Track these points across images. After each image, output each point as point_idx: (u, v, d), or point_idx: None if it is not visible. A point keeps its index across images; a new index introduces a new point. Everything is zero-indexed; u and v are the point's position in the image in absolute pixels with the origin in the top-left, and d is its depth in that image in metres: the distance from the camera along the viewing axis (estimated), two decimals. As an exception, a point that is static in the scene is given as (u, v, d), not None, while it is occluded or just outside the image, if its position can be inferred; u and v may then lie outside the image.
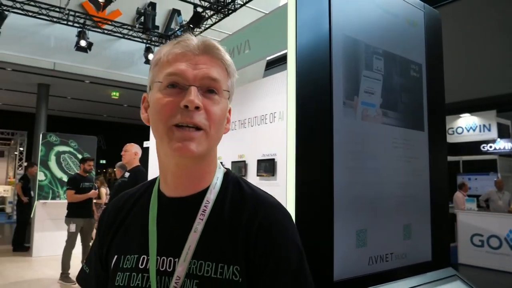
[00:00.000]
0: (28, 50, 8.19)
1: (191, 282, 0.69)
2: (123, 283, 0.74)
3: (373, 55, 1.46)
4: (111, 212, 0.85)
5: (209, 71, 0.74)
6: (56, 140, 7.49)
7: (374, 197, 1.41)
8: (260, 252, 0.71)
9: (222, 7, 7.48)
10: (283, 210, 0.77)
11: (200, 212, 0.74)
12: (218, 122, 0.75)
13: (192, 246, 0.72)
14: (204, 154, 0.75)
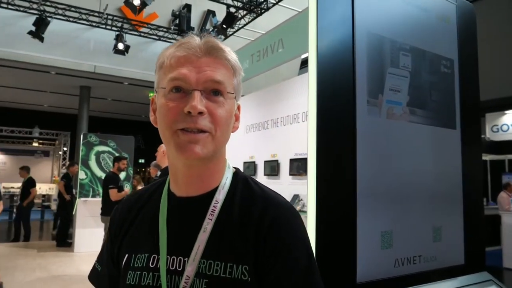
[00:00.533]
0: (70, 54, 8.56)
1: (200, 282, 0.70)
2: (134, 281, 0.76)
3: (399, 52, 1.41)
4: (123, 211, 0.87)
5: (213, 74, 0.74)
6: (96, 140, 7.79)
7: (401, 198, 1.37)
8: (269, 252, 0.71)
9: (254, 6, 7.49)
10: (292, 210, 0.77)
11: (209, 212, 0.75)
12: (224, 124, 0.75)
13: (202, 246, 0.73)
14: (211, 156, 0.75)
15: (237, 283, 0.69)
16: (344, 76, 1.26)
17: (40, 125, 15.58)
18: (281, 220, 0.74)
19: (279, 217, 0.74)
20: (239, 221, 0.74)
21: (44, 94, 12.89)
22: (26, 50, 7.97)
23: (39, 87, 12.07)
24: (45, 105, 15.04)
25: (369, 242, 1.26)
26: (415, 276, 1.38)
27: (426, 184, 1.46)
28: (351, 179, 1.24)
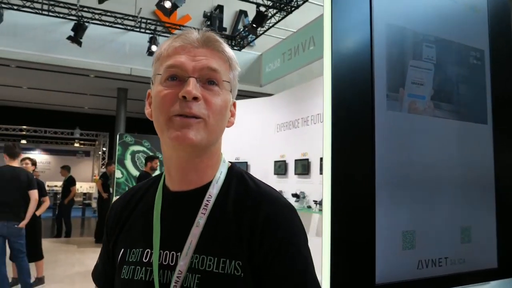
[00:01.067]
0: (107, 58, 8.84)
1: (193, 277, 0.70)
2: (128, 276, 0.76)
3: (422, 43, 1.35)
4: (118, 206, 0.88)
5: (208, 62, 0.73)
6: (131, 140, 8.02)
7: (424, 196, 1.30)
8: (265, 249, 0.70)
9: (284, 4, 7.45)
10: (288, 205, 0.76)
11: (202, 206, 0.74)
12: (219, 113, 0.74)
13: (194, 240, 0.72)
14: (204, 145, 0.74)
15: (230, 278, 0.69)
16: (361, 70, 1.22)
17: (80, 126, 16.21)
18: (277, 216, 0.73)
19: (274, 213, 0.73)
20: (233, 216, 0.73)
21: (84, 96, 13.41)
22: (66, 55, 8.29)
23: (80, 90, 12.56)
24: (86, 107, 15.64)
25: (389, 242, 1.21)
26: (441, 279, 1.31)
27: (453, 181, 1.38)
28: (369, 177, 1.19)
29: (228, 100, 0.77)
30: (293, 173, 5.82)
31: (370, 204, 1.19)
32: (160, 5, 6.60)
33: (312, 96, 5.64)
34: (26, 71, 9.73)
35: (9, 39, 7.72)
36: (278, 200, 0.76)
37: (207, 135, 0.73)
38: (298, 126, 5.89)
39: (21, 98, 14.13)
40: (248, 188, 0.77)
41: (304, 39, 7.75)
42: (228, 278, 0.69)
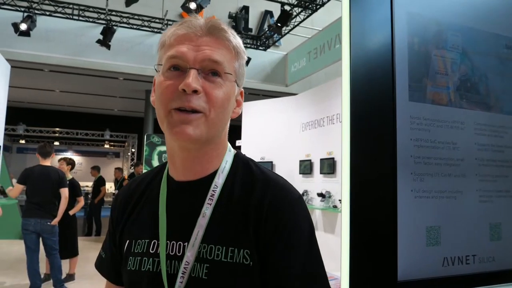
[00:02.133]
0: (135, 60, 9.04)
1: (201, 266, 0.69)
2: (134, 267, 0.76)
3: (447, 32, 1.29)
4: (123, 198, 0.88)
5: (211, 53, 0.71)
6: (158, 140, 8.16)
7: (450, 191, 1.25)
8: (270, 233, 0.70)
9: (309, 2, 7.39)
10: (293, 191, 0.77)
11: (208, 197, 0.74)
12: (220, 106, 0.72)
13: (201, 231, 0.72)
14: (205, 139, 0.73)
15: (238, 267, 0.68)
16: (381, 59, 1.18)
17: (110, 128, 16.65)
18: (282, 202, 0.73)
19: (280, 199, 0.73)
20: (240, 205, 0.73)
21: (113, 99, 13.76)
22: (95, 58, 8.54)
23: (109, 93, 12.91)
24: (115, 109, 16.05)
25: (412, 238, 1.16)
26: (468, 278, 1.25)
27: (480, 176, 1.32)
28: (390, 170, 1.15)
29: (231, 91, 0.76)
30: (318, 173, 5.76)
31: (391, 199, 1.14)
32: (185, 6, 6.69)
33: (337, 94, 5.57)
34: (59, 75, 10.08)
35: (42, 44, 8.01)
36: (283, 186, 0.76)
37: (207, 129, 0.72)
38: (323, 125, 5.82)
39: (54, 102, 14.66)
40: (254, 176, 0.77)
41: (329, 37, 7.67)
42: (237, 267, 0.68)
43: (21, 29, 7.07)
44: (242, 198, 0.74)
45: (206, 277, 0.69)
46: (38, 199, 4.56)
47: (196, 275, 0.70)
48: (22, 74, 9.33)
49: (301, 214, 0.74)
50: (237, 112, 0.80)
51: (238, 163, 0.80)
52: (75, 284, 5.29)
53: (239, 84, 0.78)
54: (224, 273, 0.69)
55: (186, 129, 0.70)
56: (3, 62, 5.90)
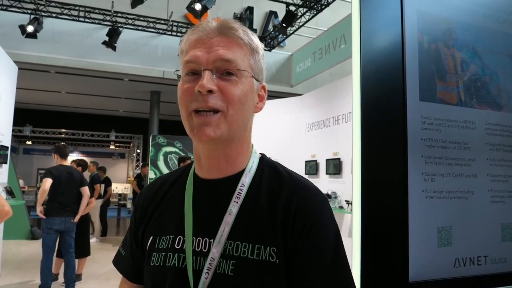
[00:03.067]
0: (140, 61, 9.06)
1: (227, 263, 0.70)
2: (158, 262, 0.77)
3: (458, 30, 1.28)
4: (147, 195, 0.89)
5: (222, 53, 0.73)
6: (164, 141, 8.18)
7: (461, 192, 1.24)
8: (298, 231, 0.71)
9: (314, 3, 7.38)
10: (319, 193, 0.77)
11: (235, 195, 0.75)
12: (238, 102, 0.73)
13: (227, 228, 0.73)
14: (228, 136, 0.74)
15: (265, 264, 0.69)
16: (391, 58, 1.17)
17: (116, 129, 16.71)
18: (309, 203, 0.74)
19: (308, 199, 0.74)
20: (267, 203, 0.74)
21: (119, 100, 13.81)
22: (101, 60, 8.57)
23: (115, 94, 12.95)
24: (121, 111, 16.11)
25: (424, 238, 1.15)
26: (480, 279, 1.24)
27: (495, 176, 1.30)
28: (401, 171, 1.14)
29: (249, 87, 0.76)
30: (324, 173, 5.74)
31: (402, 199, 1.14)
32: (190, 7, 6.70)
33: (343, 94, 5.55)
34: (65, 76, 10.13)
35: (48, 45, 8.06)
36: (311, 188, 0.77)
37: (228, 127, 0.73)
38: (329, 125, 5.81)
39: (60, 103, 14.74)
40: (282, 177, 0.78)
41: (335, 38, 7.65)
42: (264, 264, 0.69)
43: (28, 31, 7.11)
44: (269, 197, 0.75)
45: (232, 273, 0.70)
46: (64, 198, 4.66)
47: (222, 271, 0.70)
48: (28, 76, 9.39)
49: (328, 216, 0.75)
50: (260, 107, 0.81)
51: (264, 164, 0.82)
52: (82, 284, 5.31)
53: (258, 79, 0.79)
54: (250, 270, 0.69)
55: (206, 130, 0.71)
56: (11, 64, 5.94)
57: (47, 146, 18.06)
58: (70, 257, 4.81)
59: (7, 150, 5.72)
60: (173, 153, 8.20)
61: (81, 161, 5.88)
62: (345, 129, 5.39)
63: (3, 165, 5.66)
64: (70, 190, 4.75)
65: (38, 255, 5.24)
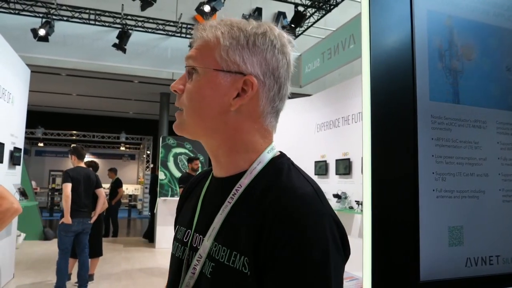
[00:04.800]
0: (150, 63, 9.13)
1: (209, 264, 0.70)
2: (174, 251, 0.82)
3: (468, 30, 1.28)
4: (187, 187, 0.95)
5: (189, 53, 0.77)
6: (173, 142, 8.22)
7: (473, 191, 1.23)
8: (270, 248, 0.62)
9: (323, 3, 7.37)
10: (312, 204, 0.66)
11: (230, 195, 0.72)
12: (192, 98, 0.74)
13: (216, 227, 0.72)
14: (193, 132, 0.77)
15: (237, 274, 0.65)
16: (401, 58, 1.17)
17: (126, 130, 16.85)
18: (291, 214, 0.63)
19: (290, 210, 0.64)
20: (253, 209, 0.68)
21: (129, 102, 13.93)
22: (112, 62, 8.66)
23: (125, 96, 13.07)
24: (131, 112, 16.25)
25: (434, 238, 1.15)
26: (492, 279, 1.23)
27: (503, 175, 1.30)
28: (412, 169, 1.14)
29: (208, 82, 0.72)
30: (334, 173, 5.73)
31: (413, 199, 1.14)
32: (199, 9, 6.74)
33: (353, 94, 5.53)
34: (75, 78, 10.25)
35: (59, 48, 8.16)
36: (301, 197, 0.66)
37: (187, 123, 0.76)
38: (338, 126, 5.79)
39: (71, 105, 14.92)
40: (276, 182, 0.70)
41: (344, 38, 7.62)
42: (236, 274, 0.65)
43: (40, 35, 7.21)
44: (257, 203, 0.68)
45: (210, 276, 0.69)
46: (81, 200, 4.73)
47: (205, 271, 0.70)
48: (40, 79, 9.52)
49: (314, 233, 0.62)
50: (235, 103, 0.72)
51: (271, 166, 0.75)
52: (94, 284, 5.37)
53: (232, 70, 0.72)
54: (224, 276, 0.67)
55: (175, 125, 0.79)
56: (23, 67, 6.04)
57: (58, 148, 18.29)
58: (84, 258, 4.88)
59: (20, 152, 5.81)
60: (183, 154, 8.24)
61: (91, 162, 5.95)
62: (355, 129, 5.38)
63: (17, 166, 5.75)
64: (87, 192, 4.85)
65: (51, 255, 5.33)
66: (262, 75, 0.74)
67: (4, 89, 5.03)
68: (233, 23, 0.76)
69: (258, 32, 0.74)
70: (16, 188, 5.70)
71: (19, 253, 6.56)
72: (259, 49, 0.73)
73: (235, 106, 0.72)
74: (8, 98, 5.23)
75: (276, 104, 0.78)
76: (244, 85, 0.72)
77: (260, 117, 0.76)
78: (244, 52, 0.72)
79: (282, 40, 0.79)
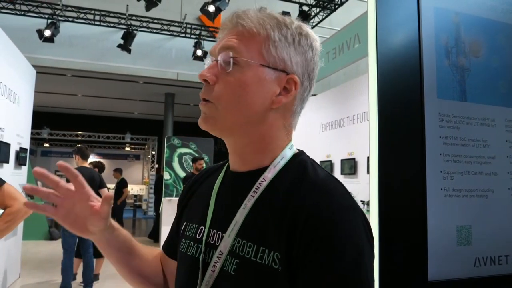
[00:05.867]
0: (154, 64, 9.16)
1: (232, 261, 0.68)
2: (183, 249, 0.79)
3: (476, 27, 1.27)
4: (190, 183, 0.92)
5: (226, 42, 0.72)
6: (178, 142, 8.23)
7: (481, 190, 1.22)
8: (304, 245, 0.62)
9: (328, 2, 7.35)
10: (344, 201, 0.66)
11: (253, 189, 0.71)
12: (230, 93, 0.70)
13: (239, 222, 0.69)
14: (224, 129, 0.73)
15: (266, 270, 0.63)
16: (408, 55, 1.16)
17: (131, 131, 16.89)
18: (324, 210, 0.63)
19: (323, 206, 0.63)
20: (280, 203, 0.67)
21: (134, 102, 13.97)
22: (117, 63, 8.69)
23: (130, 96, 13.11)
24: (135, 113, 16.30)
25: (443, 237, 1.14)
26: (501, 279, 1.21)
27: (513, 174, 1.28)
28: (419, 168, 1.13)
29: (253, 77, 0.70)
30: (339, 173, 5.71)
31: (421, 198, 1.13)
32: (204, 9, 6.74)
33: (358, 94, 5.51)
34: (81, 79, 10.29)
35: (65, 49, 8.20)
36: (332, 193, 0.66)
37: (220, 118, 0.71)
38: (343, 125, 5.77)
39: (77, 106, 14.99)
40: (305, 177, 0.69)
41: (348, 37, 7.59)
42: (265, 269, 0.63)
43: (45, 36, 7.25)
44: (284, 197, 0.67)
45: (234, 272, 0.67)
46: None
47: (226, 268, 0.68)
48: (46, 79, 9.57)
49: (348, 229, 0.62)
50: (279, 101, 0.72)
51: (295, 161, 0.74)
52: (99, 284, 5.39)
53: (278, 68, 0.71)
54: (251, 273, 0.65)
55: (200, 118, 0.73)
56: (29, 68, 6.07)
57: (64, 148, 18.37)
58: (89, 257, 4.90)
59: (26, 152, 5.84)
60: (188, 154, 8.25)
61: (98, 163, 5.97)
62: (360, 129, 5.36)
63: (22, 166, 5.78)
64: None
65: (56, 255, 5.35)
66: (302, 75, 0.74)
67: (10, 90, 5.06)
68: (278, 18, 0.74)
69: (301, 32, 0.75)
70: (21, 188, 5.73)
71: (25, 253, 6.60)
72: (302, 49, 0.74)
73: (278, 104, 0.72)
74: (14, 98, 5.26)
75: (305, 104, 0.80)
76: (287, 84, 0.72)
77: (291, 115, 0.77)
78: (291, 50, 0.72)
79: (318, 44, 0.80)
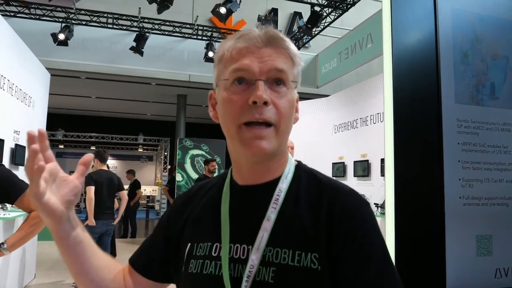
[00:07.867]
0: (166, 66, 9.19)
1: (267, 270, 0.69)
2: (196, 270, 0.76)
3: (495, 29, 1.22)
4: (183, 200, 0.88)
5: (275, 63, 0.71)
6: (190, 144, 8.26)
7: (502, 198, 1.18)
8: (342, 238, 0.69)
9: (340, 2, 7.28)
10: (360, 198, 0.75)
11: (273, 201, 0.74)
12: (288, 116, 0.73)
13: (266, 234, 0.71)
14: (277, 150, 0.74)
15: (306, 271, 0.67)
16: (425, 59, 1.13)
17: (144, 132, 17.02)
18: (353, 208, 0.72)
19: (351, 205, 0.72)
20: (308, 208, 0.73)
21: (146, 104, 14.07)
22: (129, 65, 8.75)
23: (142, 98, 13.20)
24: (148, 114, 16.41)
25: (461, 247, 1.10)
26: (523, 290, 1.17)
27: (535, 181, 1.23)
28: (437, 176, 1.09)
29: (294, 99, 0.76)
30: (352, 175, 5.65)
31: (438, 206, 1.09)
32: (215, 11, 6.74)
33: (371, 95, 5.45)
34: (94, 81, 10.40)
35: (78, 52, 8.29)
36: (352, 193, 0.75)
37: (279, 141, 0.73)
38: (356, 127, 5.71)
39: (90, 107, 15.15)
40: (321, 182, 0.77)
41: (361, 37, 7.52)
42: (305, 271, 0.67)
43: (60, 39, 7.34)
44: (309, 202, 0.74)
45: (272, 281, 0.68)
46: (104, 202, 4.86)
47: (261, 278, 0.69)
48: (60, 82, 9.69)
49: (372, 221, 0.72)
50: (297, 118, 0.79)
51: (301, 170, 0.80)
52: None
53: (296, 87, 0.78)
54: (291, 277, 0.68)
55: (260, 144, 0.71)
56: (43, 71, 6.15)
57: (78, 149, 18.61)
58: None
59: (41, 155, 5.90)
60: (200, 155, 8.27)
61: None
62: (374, 131, 5.29)
63: (38, 169, 5.84)
64: (109, 194, 4.95)
65: (70, 256, 5.35)
66: None
67: (25, 93, 5.13)
68: None
69: None
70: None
71: (40, 254, 6.68)
72: None
73: (296, 121, 0.78)
74: (29, 102, 5.33)
75: None
76: (296, 102, 0.78)
77: None
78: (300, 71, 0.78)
79: None
